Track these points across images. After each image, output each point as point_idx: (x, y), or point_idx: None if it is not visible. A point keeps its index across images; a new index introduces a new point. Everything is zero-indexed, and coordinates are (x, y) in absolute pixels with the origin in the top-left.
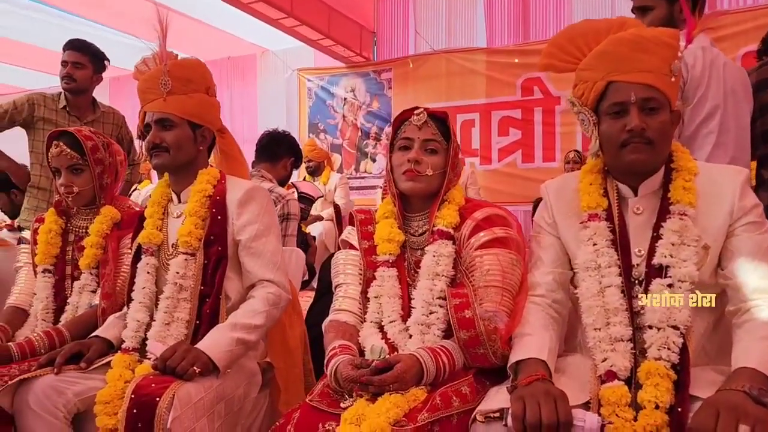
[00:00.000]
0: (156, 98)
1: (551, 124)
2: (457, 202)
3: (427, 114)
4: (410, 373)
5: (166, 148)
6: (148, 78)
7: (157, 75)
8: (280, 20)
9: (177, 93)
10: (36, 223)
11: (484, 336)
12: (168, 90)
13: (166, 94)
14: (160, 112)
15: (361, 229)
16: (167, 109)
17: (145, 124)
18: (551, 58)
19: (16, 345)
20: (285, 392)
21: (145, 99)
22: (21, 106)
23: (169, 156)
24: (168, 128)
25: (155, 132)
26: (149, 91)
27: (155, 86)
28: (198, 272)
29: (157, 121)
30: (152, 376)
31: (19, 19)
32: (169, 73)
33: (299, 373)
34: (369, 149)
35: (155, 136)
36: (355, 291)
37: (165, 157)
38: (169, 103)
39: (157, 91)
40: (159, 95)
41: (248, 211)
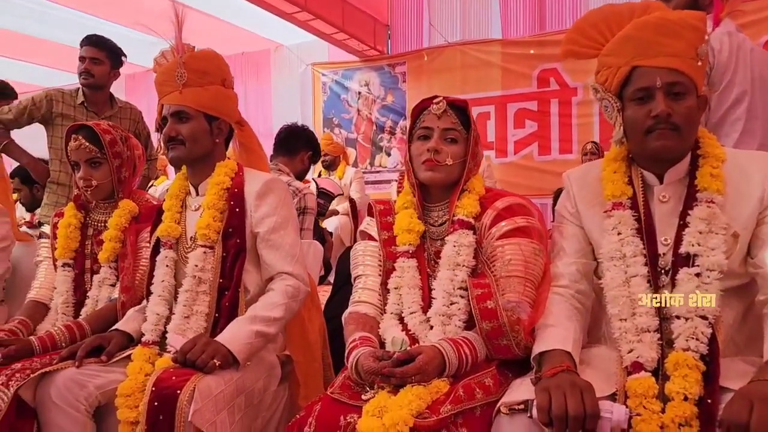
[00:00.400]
0: (172, 91)
1: (568, 115)
2: (478, 192)
3: (447, 103)
4: (432, 365)
5: (182, 140)
6: (165, 70)
7: (173, 67)
8: (294, 14)
9: (193, 85)
10: (55, 217)
11: (507, 327)
12: (184, 82)
13: (182, 86)
14: (176, 105)
15: (380, 220)
16: (183, 102)
17: (162, 117)
18: (573, 45)
19: (37, 339)
20: (304, 387)
21: (162, 91)
22: (39, 102)
23: (185, 149)
24: (184, 121)
25: (171, 125)
26: (166, 83)
27: (171, 79)
28: (217, 265)
29: (173, 114)
30: (172, 368)
31: (36, 15)
32: (184, 65)
33: (318, 368)
34: (384, 143)
35: (171, 129)
36: (374, 282)
37: (181, 149)
38: (185, 96)
39: (174, 83)
40: (175, 87)
41: (266, 203)
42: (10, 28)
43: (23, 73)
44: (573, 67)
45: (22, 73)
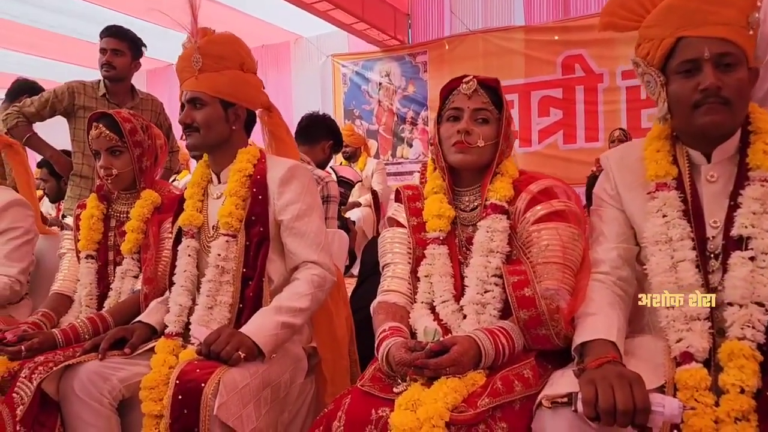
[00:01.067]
0: (189, 77)
1: (594, 102)
2: (511, 175)
3: (477, 82)
4: (468, 356)
5: (197, 127)
6: (183, 56)
7: (189, 54)
8: (313, 4)
9: (209, 71)
10: (78, 209)
11: (546, 316)
12: (199, 67)
13: (198, 72)
14: (191, 91)
15: (408, 206)
16: (197, 88)
17: (182, 105)
18: (612, 16)
19: (61, 331)
20: (331, 384)
21: (181, 78)
22: (62, 94)
23: (199, 136)
24: (199, 107)
25: (187, 111)
26: (184, 69)
27: (189, 65)
28: (240, 254)
29: (189, 100)
30: (197, 361)
31: (52, 9)
32: (200, 50)
33: (346, 364)
34: (405, 134)
35: (186, 116)
36: (403, 270)
37: (195, 136)
38: (200, 81)
39: (191, 69)
40: (192, 74)
41: (290, 190)
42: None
43: (44, 70)
44: (599, 53)
45: (42, 69)
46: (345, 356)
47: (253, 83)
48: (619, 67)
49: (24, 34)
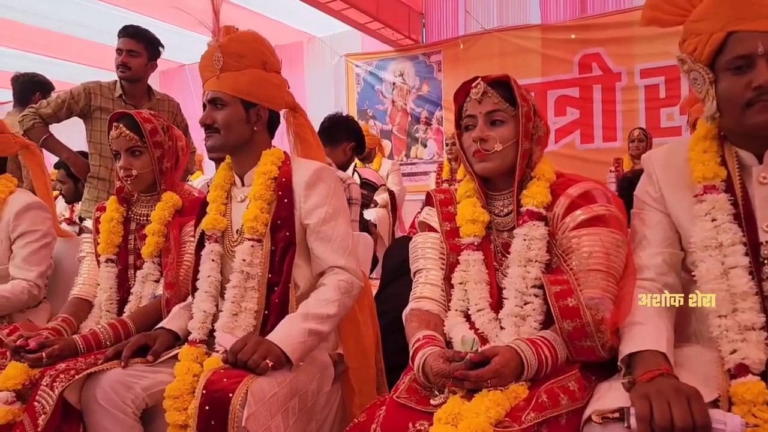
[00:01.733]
0: (210, 77)
1: (611, 101)
2: (548, 178)
3: (486, 82)
4: (510, 367)
5: (217, 128)
6: (205, 55)
7: (211, 53)
8: (328, 4)
9: (230, 70)
10: (97, 212)
11: (592, 327)
12: (220, 67)
13: (219, 71)
14: (212, 91)
15: (441, 210)
16: (218, 88)
17: (203, 105)
18: (655, 10)
19: (82, 337)
20: (359, 395)
21: (203, 78)
22: (78, 96)
23: (220, 137)
24: (219, 107)
25: (208, 112)
26: (205, 69)
27: (210, 64)
28: (265, 259)
29: (211, 101)
30: (223, 370)
31: (71, 10)
32: (221, 49)
33: (373, 374)
34: (419, 134)
35: (207, 116)
36: (436, 276)
37: (216, 138)
38: (221, 81)
39: (212, 68)
40: (213, 73)
41: (316, 193)
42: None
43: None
44: (617, 52)
45: (58, 71)
46: (372, 364)
47: (276, 83)
48: (637, 65)
49: (36, 35)
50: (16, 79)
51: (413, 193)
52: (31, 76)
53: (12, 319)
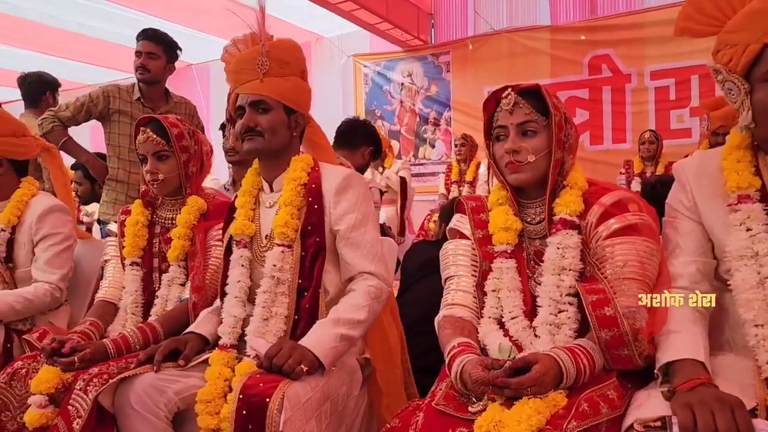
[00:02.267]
0: (251, 79)
1: (621, 103)
2: (580, 187)
3: (517, 92)
4: (549, 375)
5: (261, 132)
6: (243, 59)
7: (253, 55)
8: (338, 5)
9: (274, 75)
10: (122, 215)
11: (629, 336)
12: (265, 71)
13: (263, 75)
14: (255, 94)
15: (473, 218)
16: (263, 92)
17: (238, 107)
18: (688, 21)
19: (112, 341)
20: (387, 396)
21: (238, 80)
22: (97, 98)
23: (263, 140)
24: (263, 111)
25: (250, 115)
26: (244, 71)
27: (251, 67)
28: (295, 265)
29: (252, 104)
30: (258, 374)
31: (96, 16)
32: (268, 54)
33: (399, 374)
34: (428, 135)
35: (250, 119)
36: (468, 283)
37: (259, 141)
38: (265, 85)
39: (253, 72)
40: (255, 76)
41: (346, 200)
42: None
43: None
44: (627, 53)
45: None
46: (398, 365)
47: (309, 92)
48: (647, 67)
49: (52, 35)
50: (23, 79)
51: (421, 194)
52: (38, 76)
53: (34, 322)
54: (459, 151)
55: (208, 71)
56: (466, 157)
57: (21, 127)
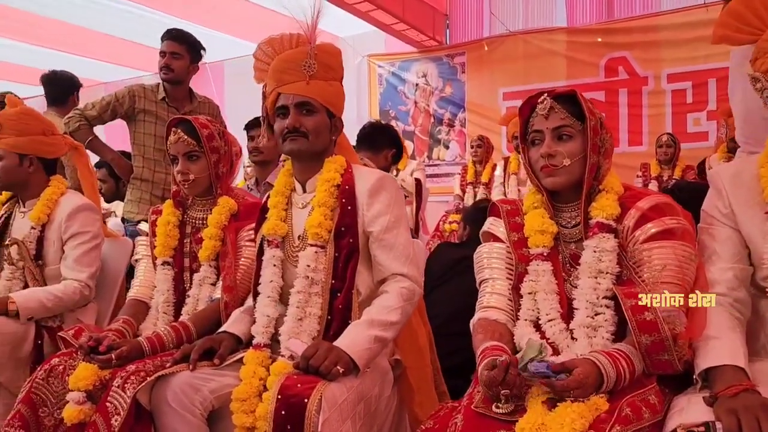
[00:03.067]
0: (297, 80)
1: (638, 106)
2: (616, 191)
3: (552, 97)
4: (591, 379)
5: (305, 133)
6: (288, 58)
7: (299, 56)
8: (355, 5)
9: (319, 78)
10: (153, 215)
11: (670, 341)
12: (311, 74)
13: (309, 77)
14: (302, 96)
15: (508, 221)
16: (310, 94)
17: (280, 106)
18: (726, 29)
19: (147, 340)
20: (418, 392)
21: (282, 80)
22: (122, 98)
23: (307, 142)
24: (308, 113)
25: (295, 115)
26: (288, 71)
27: (297, 68)
28: (329, 265)
29: (298, 105)
30: (295, 375)
31: (112, 14)
32: (316, 57)
33: (429, 372)
34: (442, 136)
35: (295, 120)
36: (502, 286)
37: (302, 142)
38: (312, 87)
39: (298, 72)
40: (301, 78)
41: (379, 201)
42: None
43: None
44: (644, 56)
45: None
46: (428, 363)
47: (344, 98)
48: (664, 70)
49: (73, 34)
50: (49, 78)
51: (435, 195)
52: (68, 77)
53: (63, 319)
54: (475, 152)
55: (223, 70)
56: (482, 158)
57: (50, 126)
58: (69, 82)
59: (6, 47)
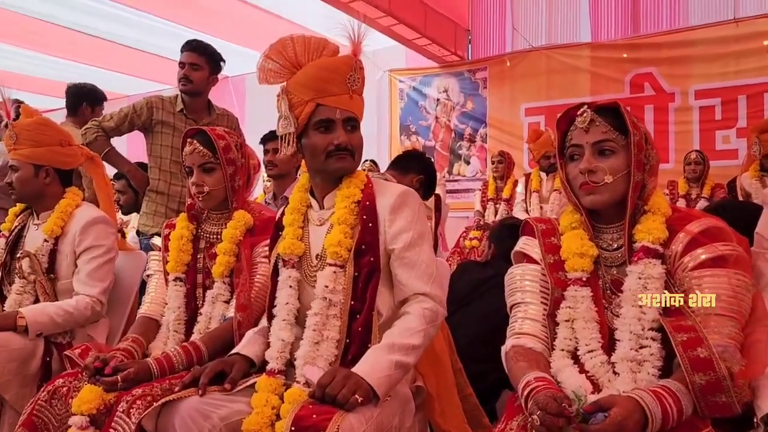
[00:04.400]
0: (341, 93)
1: (664, 122)
2: (663, 212)
3: (593, 109)
4: (633, 420)
5: (352, 151)
6: (331, 68)
7: (345, 69)
8: (377, 19)
9: (358, 93)
10: (167, 228)
11: (728, 381)
12: (354, 89)
13: (352, 91)
14: (349, 111)
15: (543, 241)
16: (355, 109)
17: (323, 120)
18: None
19: (155, 361)
20: (441, 416)
21: (325, 91)
22: (140, 109)
23: (353, 161)
24: (352, 129)
25: (345, 132)
26: (333, 82)
27: (341, 80)
28: (348, 286)
29: (346, 120)
30: (311, 405)
31: (134, 27)
32: (359, 72)
33: (456, 399)
34: (462, 151)
35: (347, 138)
36: (536, 311)
37: (349, 161)
38: (355, 102)
39: (342, 85)
40: (345, 91)
41: (401, 218)
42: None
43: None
44: (670, 72)
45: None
46: (453, 392)
47: None
48: (692, 86)
49: (88, 44)
50: (68, 89)
51: (455, 210)
52: (79, 87)
53: (73, 335)
54: (496, 168)
55: (244, 84)
56: (503, 174)
57: (67, 136)
58: (83, 91)
59: (26, 58)
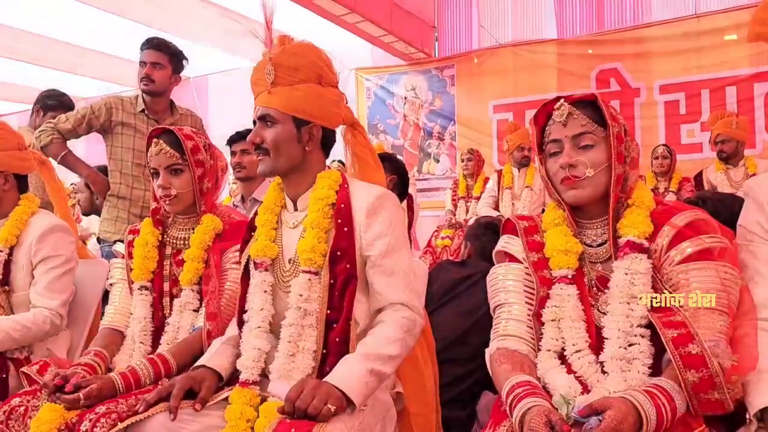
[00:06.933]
0: (262, 91)
1: (630, 117)
2: (647, 206)
3: (570, 102)
4: (628, 423)
5: (267, 149)
6: (257, 68)
7: (263, 64)
8: (342, 17)
9: (282, 84)
10: (130, 234)
11: (721, 378)
12: (272, 81)
13: (270, 85)
14: (262, 107)
15: (526, 239)
16: (269, 104)
17: (253, 122)
18: (764, 26)
19: (121, 376)
20: None
21: (255, 92)
22: (98, 110)
23: (269, 159)
24: (269, 125)
25: (257, 129)
26: (256, 83)
27: (262, 77)
28: (324, 294)
29: (260, 118)
30: (288, 420)
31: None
32: (272, 61)
33: (434, 420)
34: (432, 149)
35: (255, 134)
36: (520, 312)
37: (266, 161)
38: (272, 97)
39: (263, 82)
40: (264, 87)
41: (378, 222)
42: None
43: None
44: (635, 67)
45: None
46: (434, 410)
47: (333, 98)
48: (656, 81)
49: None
50: (42, 93)
51: (426, 209)
52: (44, 92)
53: (31, 349)
54: (466, 166)
55: (207, 84)
56: (473, 172)
57: (22, 140)
58: (41, 95)
59: None
